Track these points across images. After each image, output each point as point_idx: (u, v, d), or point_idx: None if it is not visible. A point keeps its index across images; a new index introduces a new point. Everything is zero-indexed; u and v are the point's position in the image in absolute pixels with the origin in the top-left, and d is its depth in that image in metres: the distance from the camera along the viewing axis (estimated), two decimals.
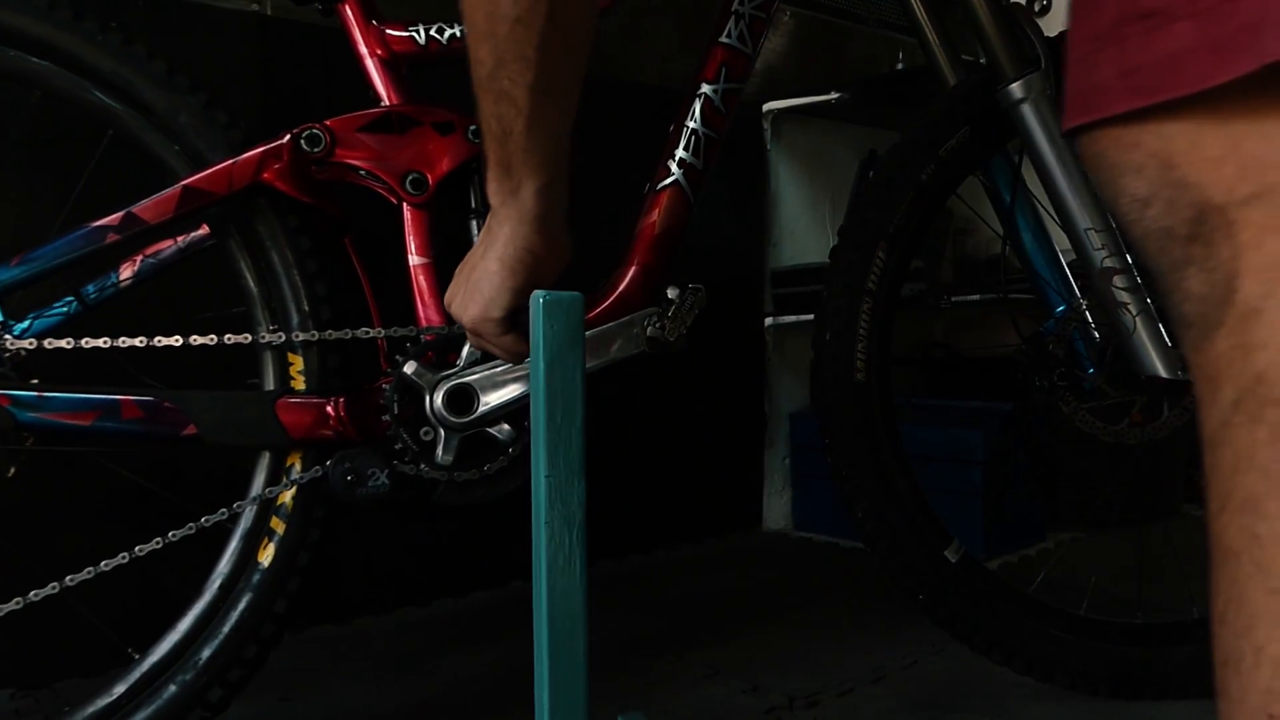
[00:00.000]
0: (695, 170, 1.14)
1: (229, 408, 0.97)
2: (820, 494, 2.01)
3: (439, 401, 1.00)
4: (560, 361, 0.64)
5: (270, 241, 1.02)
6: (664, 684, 1.24)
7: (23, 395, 0.91)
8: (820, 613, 1.50)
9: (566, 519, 0.65)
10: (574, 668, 0.66)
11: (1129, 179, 0.42)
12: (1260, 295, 0.38)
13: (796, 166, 2.12)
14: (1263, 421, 0.37)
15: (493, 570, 1.63)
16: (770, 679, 1.24)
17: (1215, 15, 0.37)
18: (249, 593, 0.99)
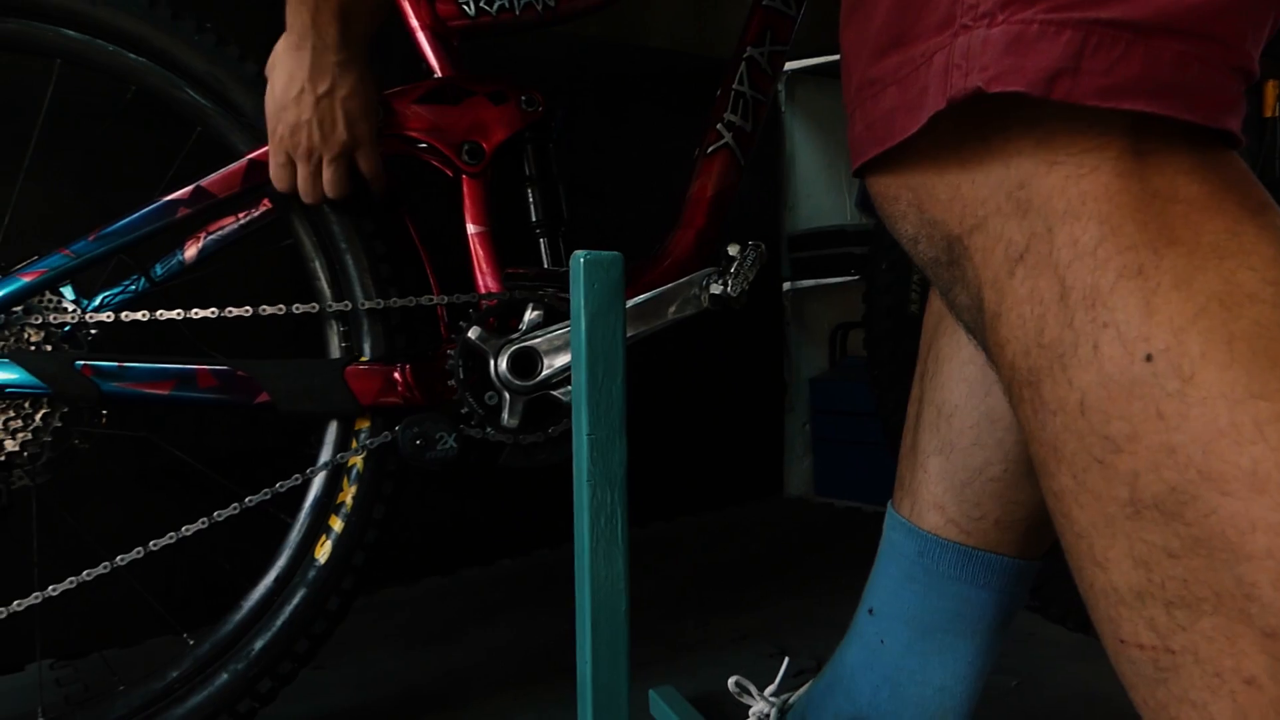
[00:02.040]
0: (744, 133, 1.15)
1: (300, 375, 0.99)
2: (841, 459, 2.00)
3: (503, 365, 1.02)
4: (601, 320, 0.64)
5: (332, 213, 1.04)
6: (692, 649, 1.24)
7: (105, 365, 0.93)
8: (845, 577, 1.45)
9: (608, 478, 0.65)
10: (616, 626, 0.66)
11: (901, 224, 0.52)
12: (997, 301, 0.46)
13: (813, 128, 2.10)
14: (1024, 400, 0.45)
15: (518, 539, 1.64)
16: (797, 643, 1.24)
17: (907, 81, 0.47)
18: (303, 588, 1.00)
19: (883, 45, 0.49)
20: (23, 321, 0.94)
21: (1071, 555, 0.45)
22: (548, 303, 1.04)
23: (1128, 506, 0.41)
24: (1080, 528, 0.44)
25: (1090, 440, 0.42)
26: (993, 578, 0.72)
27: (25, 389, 0.91)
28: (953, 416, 0.74)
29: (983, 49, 0.43)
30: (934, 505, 0.74)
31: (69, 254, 0.94)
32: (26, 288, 0.93)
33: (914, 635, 0.74)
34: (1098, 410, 0.42)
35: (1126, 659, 0.43)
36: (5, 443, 0.94)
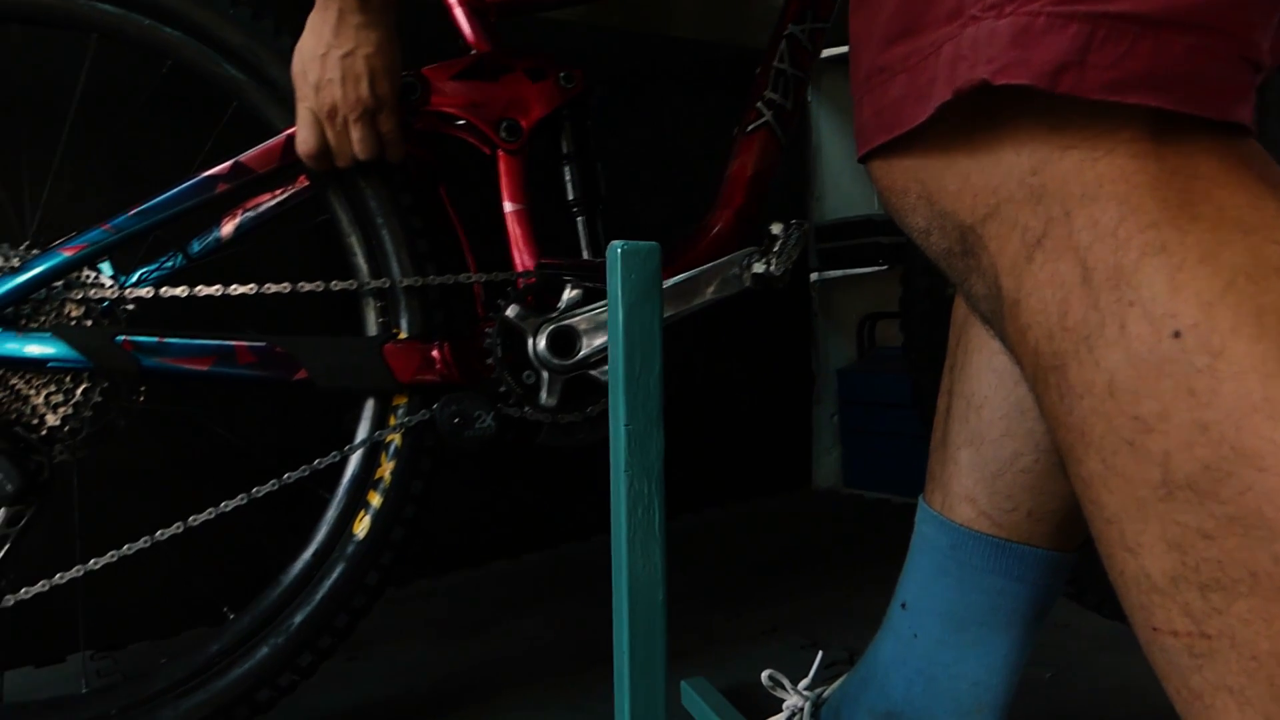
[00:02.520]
0: (785, 111, 1.13)
1: (338, 352, 0.99)
2: (870, 450, 1.99)
3: (541, 344, 1.01)
4: (638, 310, 0.64)
5: (370, 190, 1.03)
6: (723, 640, 1.24)
7: (145, 340, 0.93)
8: (876, 570, 1.42)
9: (645, 469, 0.65)
10: (653, 618, 0.66)
11: (910, 217, 0.52)
12: (1015, 288, 0.45)
13: (840, 117, 2.07)
14: (1049, 386, 0.45)
15: (544, 533, 1.64)
16: (829, 635, 1.23)
17: (915, 70, 0.47)
18: (341, 563, 1.00)
19: (892, 34, 0.49)
20: (63, 297, 0.94)
21: (1101, 542, 0.45)
22: (586, 282, 1.03)
23: (1160, 488, 0.40)
24: (1110, 513, 0.43)
25: (1119, 422, 0.41)
26: (1026, 570, 0.71)
27: (67, 363, 0.91)
28: (982, 408, 0.73)
29: (989, 40, 0.43)
30: (965, 498, 0.73)
31: (109, 229, 0.94)
32: (67, 263, 0.93)
33: (947, 629, 0.73)
34: (1126, 390, 0.41)
35: (1160, 647, 0.42)
36: (47, 417, 0.94)
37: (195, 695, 0.97)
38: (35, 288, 0.92)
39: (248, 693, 0.97)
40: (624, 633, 0.66)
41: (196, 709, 0.96)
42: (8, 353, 0.90)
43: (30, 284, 0.91)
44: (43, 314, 0.94)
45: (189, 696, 0.97)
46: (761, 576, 1.51)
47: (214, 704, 0.97)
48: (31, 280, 0.91)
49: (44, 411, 0.94)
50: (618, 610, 0.66)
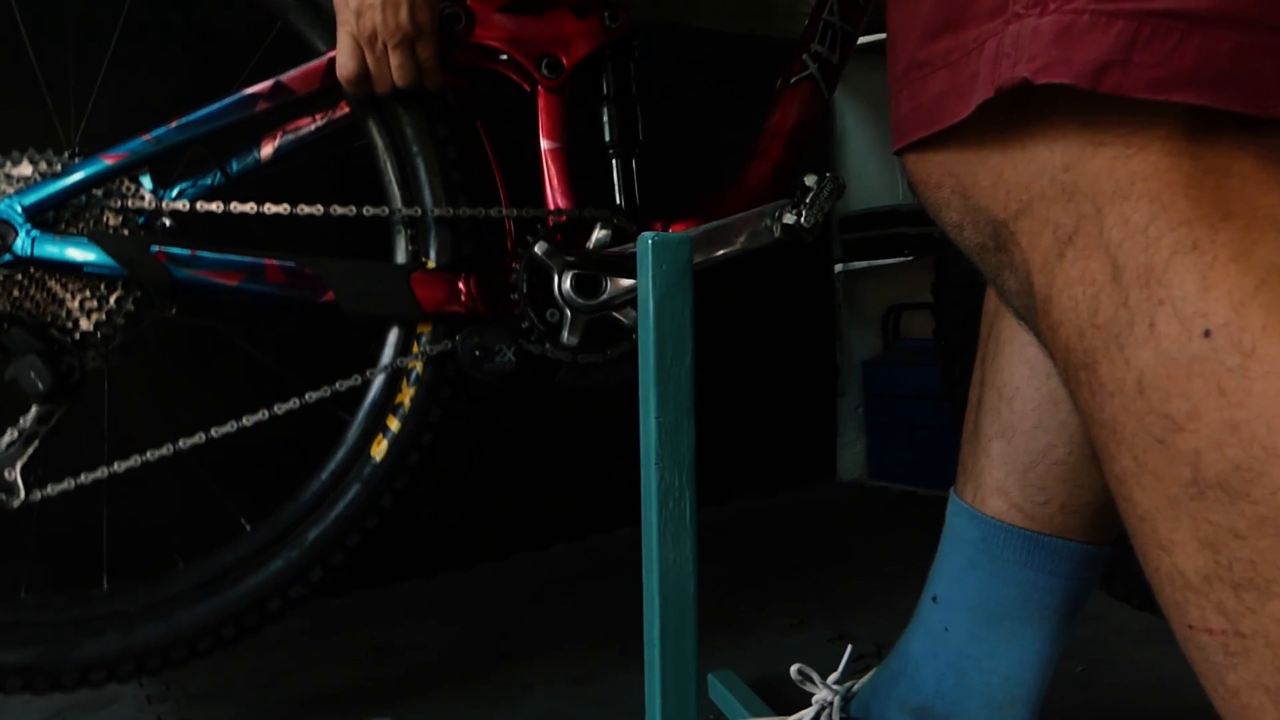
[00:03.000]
0: (830, 65, 1.12)
1: (366, 277, 1.00)
2: (895, 442, 1.98)
3: (567, 283, 1.01)
4: (669, 301, 0.63)
5: (408, 119, 1.03)
6: (749, 633, 1.23)
7: (178, 252, 0.95)
8: (901, 562, 1.43)
9: (677, 461, 0.65)
10: (684, 611, 0.66)
11: (944, 212, 0.52)
12: (1047, 285, 0.46)
13: (863, 107, 2.04)
14: (1080, 382, 0.45)
15: (570, 524, 1.65)
16: (856, 628, 1.22)
17: (957, 66, 0.47)
18: (358, 484, 1.02)
19: (934, 28, 0.49)
20: (102, 204, 0.96)
21: (1136, 539, 0.45)
22: (616, 223, 1.03)
23: (1190, 487, 0.40)
24: (1143, 510, 0.43)
25: (1149, 420, 0.41)
26: (1060, 563, 0.71)
27: (102, 270, 0.93)
28: (1014, 399, 0.73)
29: (1032, 38, 0.43)
30: (997, 490, 0.73)
31: (150, 140, 0.95)
32: (108, 170, 0.94)
33: (979, 623, 0.72)
34: (1156, 389, 0.41)
35: (1195, 644, 0.42)
36: (80, 321, 0.96)
37: (211, 600, 0.99)
38: (75, 193, 0.93)
39: (260, 601, 1.00)
40: (655, 625, 0.66)
41: (212, 613, 0.99)
42: (45, 254, 0.92)
43: (70, 189, 0.93)
44: (81, 220, 0.96)
45: (205, 601, 0.99)
46: (787, 569, 1.49)
47: (228, 610, 0.99)
48: (72, 185, 0.93)
49: (78, 316, 0.96)
50: (648, 603, 0.66)
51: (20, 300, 0.94)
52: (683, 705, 0.66)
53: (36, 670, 0.95)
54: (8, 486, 0.94)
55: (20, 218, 0.92)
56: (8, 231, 0.91)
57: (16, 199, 0.92)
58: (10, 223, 0.91)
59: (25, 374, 0.90)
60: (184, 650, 0.99)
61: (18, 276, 0.93)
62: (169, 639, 0.98)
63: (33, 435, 0.94)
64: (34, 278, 0.94)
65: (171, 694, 1.12)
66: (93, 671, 0.96)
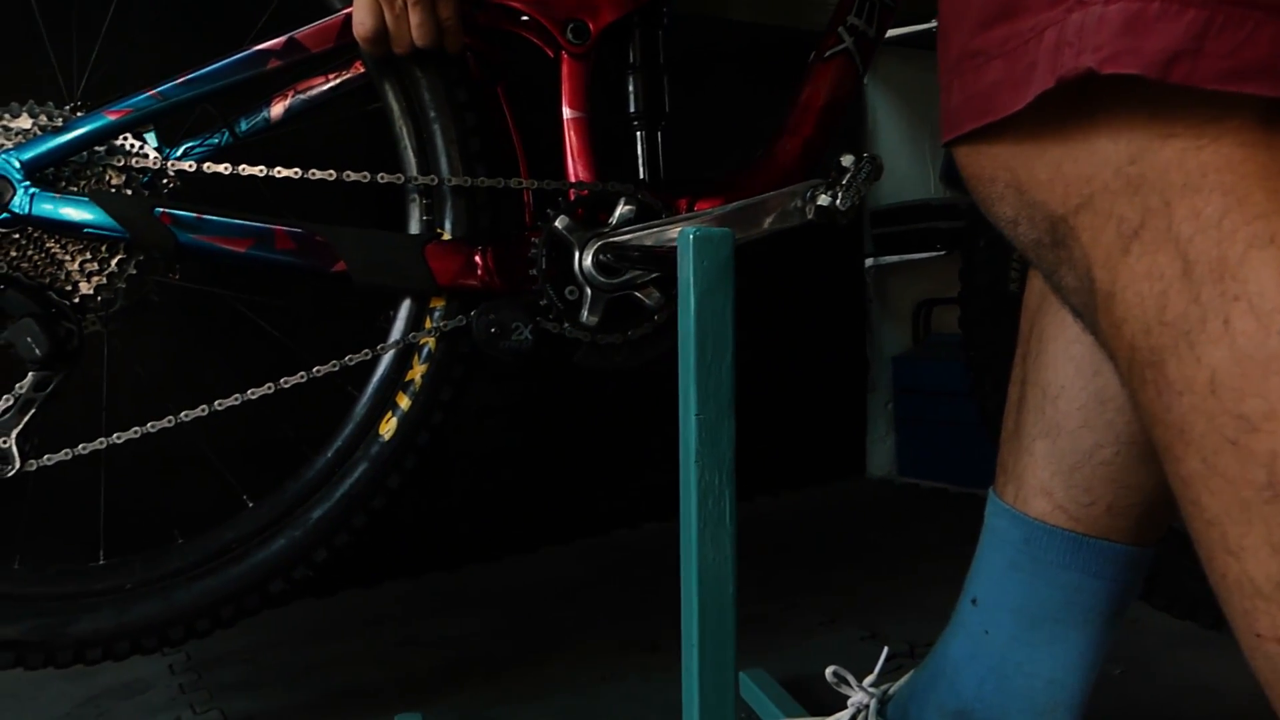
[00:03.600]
0: (867, 39, 1.07)
1: (379, 247, 0.96)
2: (926, 439, 1.96)
3: (588, 260, 0.97)
4: (710, 298, 0.63)
5: (425, 82, 0.98)
6: (779, 631, 1.21)
7: (183, 215, 0.90)
8: (934, 560, 1.40)
9: (716, 460, 0.64)
10: (723, 611, 0.65)
11: (998, 206, 0.51)
12: (1110, 281, 0.44)
13: (895, 101, 2.01)
14: (1145, 381, 0.44)
15: (595, 518, 1.64)
16: (888, 627, 1.20)
17: (1014, 56, 0.45)
18: (365, 462, 0.98)
19: (988, 16, 0.47)
20: (105, 163, 0.91)
21: (1201, 544, 0.43)
22: (641, 199, 0.99)
23: (1265, 490, 0.39)
24: (1211, 514, 0.42)
25: (1222, 420, 0.40)
26: (1105, 566, 0.69)
27: (102, 231, 0.89)
28: (1059, 398, 0.71)
29: (1098, 27, 0.41)
30: (1040, 491, 0.71)
31: (156, 95, 0.91)
32: (111, 126, 0.90)
33: (1021, 626, 0.71)
34: (1230, 388, 0.40)
35: (1264, 654, 0.41)
36: (80, 284, 0.92)
37: (209, 579, 0.96)
38: (76, 149, 0.89)
39: (261, 582, 0.97)
40: (693, 625, 0.65)
41: (210, 591, 0.96)
42: (43, 214, 0.87)
43: (71, 145, 0.88)
44: (82, 178, 0.91)
45: (203, 579, 0.96)
46: (817, 566, 1.47)
47: (227, 589, 0.96)
48: (73, 141, 0.88)
49: (77, 278, 0.92)
50: (686, 603, 0.65)
51: (17, 261, 0.90)
52: (721, 706, 0.65)
53: (29, 645, 0.91)
54: (2, 455, 0.90)
55: (18, 174, 0.87)
56: (4, 188, 0.86)
57: (14, 154, 0.88)
58: (7, 178, 0.87)
59: (21, 338, 0.86)
60: (181, 629, 0.95)
61: (14, 236, 0.89)
62: (166, 616, 0.95)
63: (29, 402, 0.90)
64: (32, 237, 0.90)
65: (204, 683, 1.12)
66: (88, 648, 0.93)
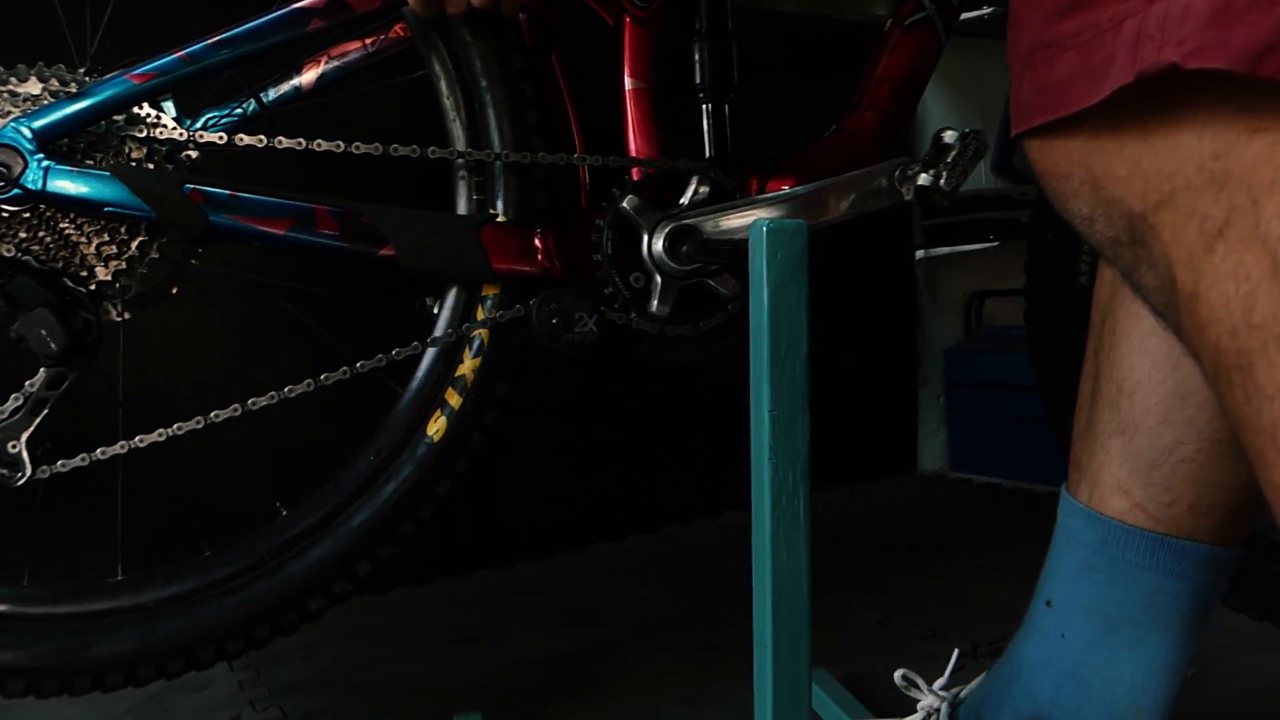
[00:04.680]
0: (950, 6, 0.99)
1: (431, 229, 0.87)
2: (978, 433, 1.93)
3: (659, 245, 0.89)
4: (784, 290, 0.62)
5: (477, 47, 0.89)
6: (837, 629, 1.19)
7: (216, 193, 0.81)
8: (990, 556, 1.41)
9: (790, 457, 0.63)
10: (798, 611, 0.64)
11: (1072, 203, 0.49)
12: (1193, 281, 0.43)
13: (944, 90, 1.97)
14: (1233, 385, 0.42)
15: (647, 515, 1.62)
16: (948, 625, 1.17)
17: (1089, 48, 0.44)
18: (410, 466, 0.90)
19: (1063, 6, 0.46)
20: (125, 133, 0.82)
21: None
22: (715, 178, 0.91)
23: None
24: None
25: None
26: (1187, 567, 0.66)
27: (125, 210, 0.79)
28: (1135, 394, 0.68)
29: (1182, 19, 0.39)
30: (1117, 489, 0.69)
31: (185, 58, 0.81)
32: (133, 93, 0.80)
33: (1099, 629, 0.68)
34: None
35: None
36: (97, 269, 0.83)
37: (240, 594, 0.87)
38: (94, 118, 0.79)
39: (298, 597, 0.88)
40: (766, 627, 0.64)
41: (241, 608, 0.87)
42: (58, 190, 0.78)
43: (89, 112, 0.79)
44: (100, 151, 0.81)
45: (233, 595, 0.87)
46: (872, 563, 1.45)
47: (261, 605, 0.87)
48: (91, 108, 0.79)
49: (94, 263, 0.82)
50: (759, 603, 0.65)
51: (27, 243, 0.80)
52: (796, 711, 0.65)
53: (42, 671, 0.82)
54: (11, 460, 0.81)
55: (30, 144, 0.77)
56: (14, 160, 0.77)
57: (25, 121, 0.78)
58: (18, 149, 0.77)
59: (35, 331, 0.77)
60: (211, 650, 0.87)
61: (25, 214, 0.79)
62: (194, 637, 0.86)
63: (41, 402, 0.81)
64: (43, 217, 0.80)
65: (262, 681, 1.12)
66: (108, 674, 0.84)
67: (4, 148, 0.76)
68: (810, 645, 0.65)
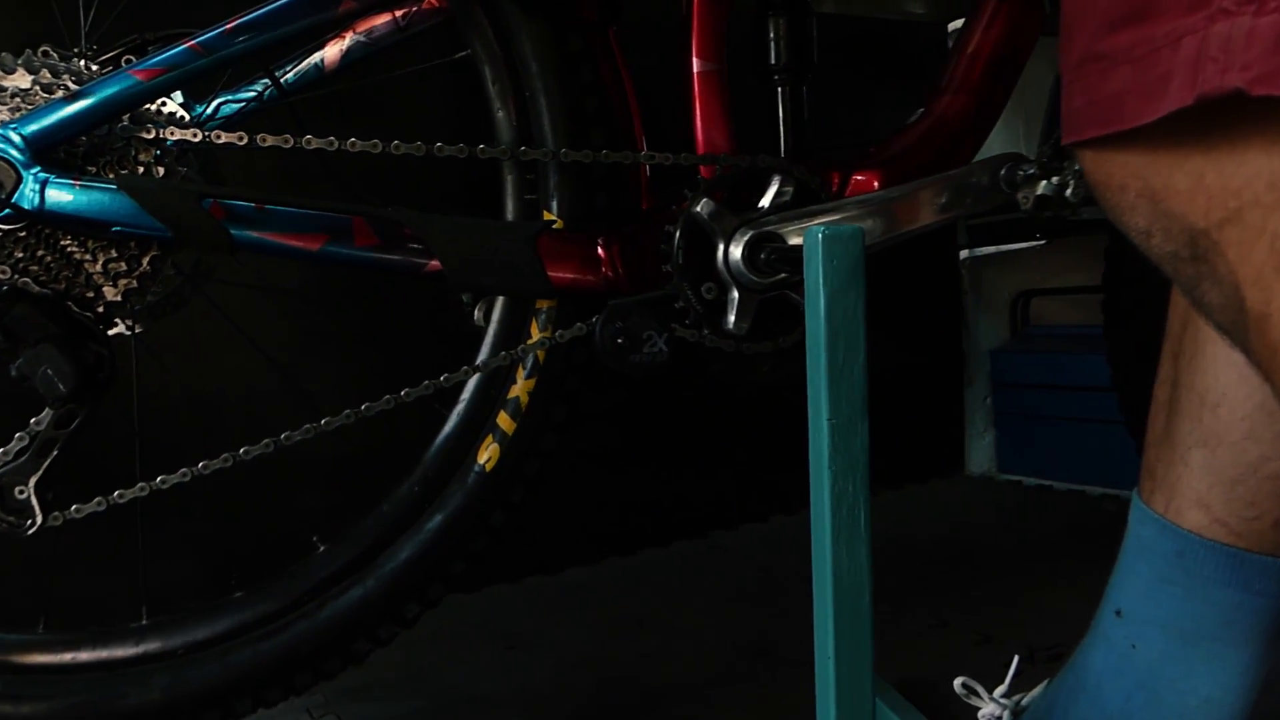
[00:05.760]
0: None
1: (482, 240, 0.77)
2: (1027, 434, 1.90)
3: (736, 253, 0.79)
4: (841, 297, 0.62)
5: (527, 26, 0.78)
6: (889, 634, 1.16)
7: (240, 207, 0.70)
8: (1043, 560, 1.38)
9: (850, 465, 0.63)
10: (859, 622, 0.64)
11: (1129, 216, 0.48)
12: (1264, 301, 0.41)
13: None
14: None
15: (693, 521, 1.59)
16: (1002, 630, 1.13)
17: (1144, 63, 0.43)
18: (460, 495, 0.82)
19: (1116, 18, 0.44)
20: (131, 135, 0.71)
21: None
22: (798, 176, 0.81)
23: None
24: None
25: None
26: (1270, 583, 0.65)
27: (138, 230, 0.69)
28: (1219, 406, 0.66)
29: (1247, 43, 0.38)
30: (1196, 502, 0.66)
31: (197, 48, 0.70)
32: (140, 90, 0.69)
33: (1173, 642, 0.67)
34: None
35: None
36: (105, 289, 0.73)
37: (275, 639, 0.80)
38: (95, 123, 0.68)
39: (340, 641, 0.81)
40: (828, 637, 0.64)
41: (278, 655, 0.80)
42: (58, 209, 0.67)
43: (89, 117, 0.68)
44: (102, 155, 0.71)
45: (268, 640, 0.80)
46: (922, 566, 1.41)
47: (300, 651, 0.80)
48: (91, 112, 0.68)
49: (102, 283, 0.73)
50: (820, 613, 0.65)
51: (24, 263, 0.70)
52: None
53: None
54: (19, 508, 0.72)
55: (22, 155, 0.66)
56: (4, 174, 0.66)
57: (14, 126, 0.67)
58: (8, 161, 0.66)
59: (40, 370, 0.67)
60: (249, 699, 0.80)
61: (20, 234, 0.69)
62: (227, 685, 0.79)
63: (50, 442, 0.72)
64: (42, 235, 0.70)
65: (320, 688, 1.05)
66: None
67: None
68: (872, 656, 0.65)
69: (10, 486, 0.72)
